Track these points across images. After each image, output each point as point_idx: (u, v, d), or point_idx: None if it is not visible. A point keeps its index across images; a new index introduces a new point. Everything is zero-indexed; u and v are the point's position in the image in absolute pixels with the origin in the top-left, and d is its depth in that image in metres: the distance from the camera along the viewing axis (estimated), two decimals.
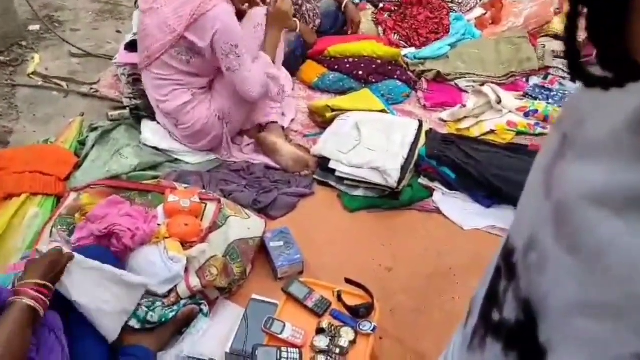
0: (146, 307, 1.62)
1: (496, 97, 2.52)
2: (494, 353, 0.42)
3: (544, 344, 0.36)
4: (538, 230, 0.38)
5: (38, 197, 1.97)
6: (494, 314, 0.43)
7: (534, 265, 0.38)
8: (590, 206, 0.33)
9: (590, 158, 0.34)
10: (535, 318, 0.37)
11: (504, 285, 0.42)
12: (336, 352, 1.46)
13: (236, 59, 2.12)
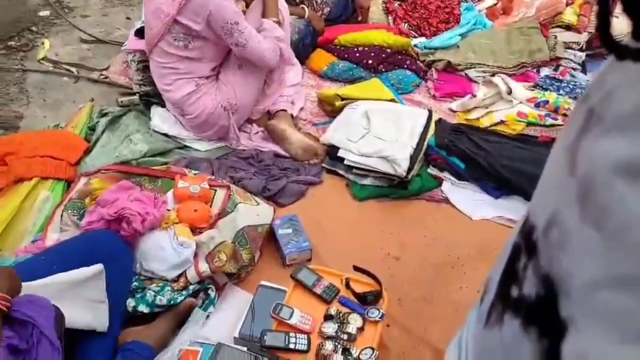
0: (154, 291, 1.63)
1: (507, 87, 2.50)
2: (512, 329, 0.42)
3: (566, 319, 0.36)
4: (561, 208, 0.38)
5: (49, 181, 1.98)
6: (513, 290, 0.43)
7: (556, 242, 0.38)
8: (618, 179, 0.32)
9: (617, 131, 0.34)
10: (556, 293, 0.37)
11: (524, 262, 0.42)
12: (344, 338, 1.47)
13: (241, 35, 2.12)
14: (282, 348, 1.44)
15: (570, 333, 0.36)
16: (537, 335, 0.39)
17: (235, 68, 2.26)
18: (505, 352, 0.44)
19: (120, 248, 1.58)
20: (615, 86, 0.36)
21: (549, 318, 0.38)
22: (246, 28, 2.13)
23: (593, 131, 0.36)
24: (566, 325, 0.36)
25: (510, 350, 0.43)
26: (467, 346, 0.51)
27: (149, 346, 1.51)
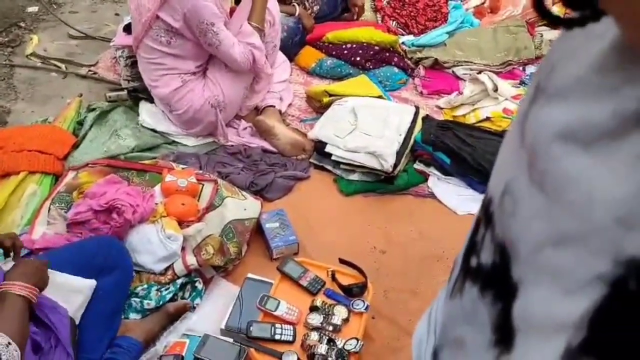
0: (140, 297, 1.64)
1: (493, 85, 2.53)
2: (471, 295, 0.45)
3: (516, 281, 0.38)
4: (513, 177, 0.40)
5: (36, 175, 1.99)
6: (472, 260, 0.46)
7: (509, 210, 0.40)
8: (556, 143, 0.35)
9: (556, 100, 0.36)
10: (508, 259, 0.39)
11: (482, 233, 0.45)
12: (329, 329, 1.49)
13: (215, 36, 2.12)
14: (268, 339, 1.46)
15: (519, 294, 0.38)
16: (492, 299, 0.42)
17: (223, 66, 2.27)
18: (465, 317, 0.46)
19: (122, 254, 1.60)
20: (557, 59, 0.38)
21: (502, 282, 0.40)
22: (222, 31, 2.14)
23: (538, 103, 0.38)
24: (517, 287, 0.38)
25: (469, 315, 0.45)
26: (436, 319, 0.54)
27: (138, 342, 1.52)
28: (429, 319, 0.56)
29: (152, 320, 1.62)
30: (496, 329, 0.41)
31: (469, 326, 0.45)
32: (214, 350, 1.51)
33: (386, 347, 1.68)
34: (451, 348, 0.48)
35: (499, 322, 0.40)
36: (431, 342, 0.52)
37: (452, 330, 0.49)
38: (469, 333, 0.45)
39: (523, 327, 0.38)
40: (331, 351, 1.40)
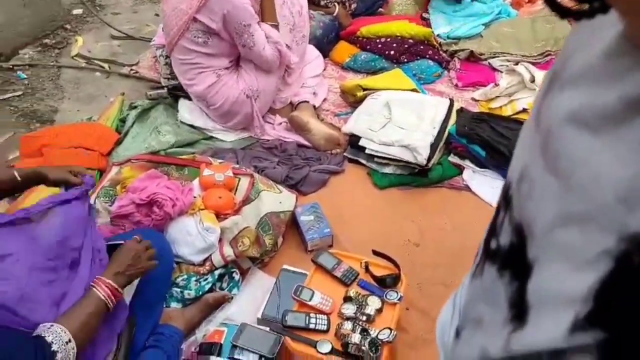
0: (181, 288, 1.70)
1: (530, 75, 2.50)
2: (490, 276, 0.47)
3: (531, 261, 0.40)
4: (529, 161, 0.42)
5: None
6: (492, 243, 0.48)
7: (525, 193, 0.42)
8: (567, 127, 0.37)
9: (570, 87, 0.38)
10: (524, 240, 0.42)
11: (501, 217, 0.47)
12: (363, 319, 1.51)
13: (250, 37, 2.18)
14: (303, 328, 1.49)
15: (534, 272, 0.40)
16: (509, 279, 0.44)
17: None
18: (484, 297, 0.48)
19: (164, 246, 1.65)
20: (572, 49, 0.40)
21: (518, 262, 0.42)
22: (257, 31, 2.20)
23: (553, 90, 0.40)
24: (531, 266, 0.40)
25: (488, 295, 0.48)
26: (460, 303, 0.55)
27: (180, 330, 1.58)
28: (454, 302, 0.58)
29: (192, 310, 1.67)
30: (512, 307, 0.43)
31: (487, 305, 0.47)
32: (250, 338, 1.56)
33: (419, 339, 1.69)
34: (471, 327, 0.50)
35: (514, 300, 0.42)
36: (455, 324, 0.54)
37: (472, 310, 0.51)
38: (487, 312, 0.47)
39: (536, 303, 0.40)
40: (364, 340, 1.42)
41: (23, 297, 1.13)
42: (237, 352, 1.54)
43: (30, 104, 2.63)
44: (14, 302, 1.12)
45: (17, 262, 1.17)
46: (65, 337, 1.12)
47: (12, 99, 2.67)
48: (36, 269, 1.20)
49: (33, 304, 1.15)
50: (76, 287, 1.26)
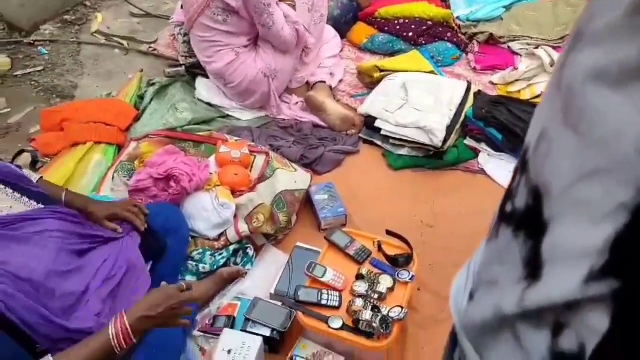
0: (196, 261, 1.74)
1: (550, 59, 2.46)
2: (505, 237, 0.48)
3: (547, 219, 0.42)
4: (549, 122, 0.43)
5: (101, 145, 2.12)
6: (508, 206, 0.49)
7: (544, 153, 0.43)
8: (589, 83, 0.38)
9: (592, 44, 0.39)
10: (541, 200, 0.43)
11: (517, 181, 0.48)
12: (374, 297, 1.53)
13: (270, 17, 2.18)
14: (315, 303, 1.52)
15: (549, 230, 0.41)
16: (524, 238, 0.45)
17: None
18: (498, 258, 0.50)
19: (180, 220, 1.69)
20: (595, 9, 0.41)
21: (534, 222, 0.43)
22: (276, 11, 2.20)
23: (576, 49, 0.41)
24: (547, 225, 0.42)
25: (502, 256, 0.49)
26: (474, 269, 0.57)
27: (195, 302, 1.61)
28: (468, 269, 0.59)
29: (207, 283, 1.70)
30: (526, 265, 0.44)
31: (502, 266, 0.48)
32: (263, 312, 1.59)
33: (430, 318, 1.70)
34: (485, 288, 0.52)
35: (529, 259, 0.44)
36: (469, 288, 0.56)
37: (487, 272, 0.52)
38: (502, 272, 0.48)
39: (551, 259, 0.41)
40: (376, 317, 1.44)
41: (51, 272, 1.16)
42: (249, 326, 1.57)
43: (51, 79, 2.67)
44: (43, 276, 1.15)
45: (52, 239, 1.21)
46: None
47: (33, 74, 2.71)
48: (67, 250, 1.24)
49: (60, 279, 1.18)
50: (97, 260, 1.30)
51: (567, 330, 0.40)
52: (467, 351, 0.52)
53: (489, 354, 0.49)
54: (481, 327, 0.50)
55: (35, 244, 1.17)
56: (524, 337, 0.44)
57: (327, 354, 1.52)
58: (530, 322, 0.43)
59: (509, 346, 0.46)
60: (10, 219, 1.17)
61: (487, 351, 0.49)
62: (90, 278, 1.26)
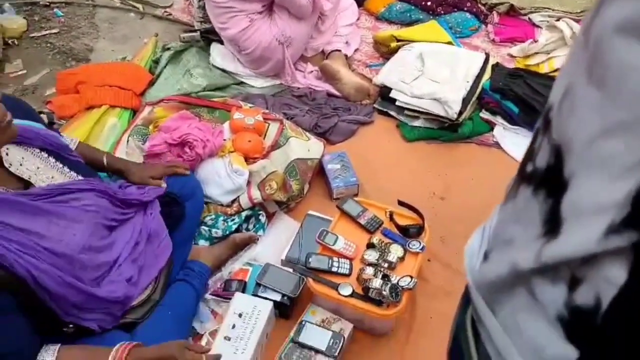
0: (209, 226, 1.75)
1: (571, 32, 2.41)
2: (524, 196, 0.48)
3: (568, 177, 0.42)
4: (574, 79, 0.43)
5: (116, 109, 2.12)
6: (528, 166, 0.49)
7: (567, 110, 0.43)
8: (617, 37, 0.37)
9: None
10: (562, 158, 0.43)
11: (539, 140, 0.48)
12: (385, 266, 1.54)
13: None
14: (326, 270, 1.53)
15: (570, 187, 0.42)
16: (544, 196, 0.45)
17: None
18: (516, 217, 0.50)
19: (195, 185, 1.70)
20: None
21: (554, 180, 0.44)
22: None
23: (605, 3, 0.40)
24: (568, 182, 0.42)
25: (520, 214, 0.49)
26: (490, 228, 0.57)
27: (207, 267, 1.64)
28: (482, 232, 0.60)
29: (220, 248, 1.73)
30: (545, 223, 0.44)
31: (519, 225, 0.49)
32: (274, 278, 1.61)
33: (439, 289, 1.72)
34: (500, 247, 0.52)
35: (548, 216, 0.44)
36: (483, 249, 0.56)
37: (503, 231, 0.52)
38: (519, 231, 0.49)
39: (570, 215, 0.42)
40: (385, 286, 1.45)
41: (85, 247, 1.18)
42: (260, 290, 1.60)
43: (67, 42, 2.67)
44: (77, 250, 1.16)
45: (88, 213, 1.22)
46: (49, 357, 1.08)
47: (48, 36, 2.70)
48: (100, 225, 1.25)
49: (93, 253, 1.20)
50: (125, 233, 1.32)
51: (584, 284, 0.41)
52: (479, 308, 0.53)
53: (502, 309, 0.50)
54: (495, 283, 0.51)
55: (72, 218, 1.17)
56: (539, 291, 0.45)
57: (336, 320, 1.55)
58: (546, 277, 0.44)
59: (522, 301, 0.47)
60: (51, 191, 1.17)
61: (499, 307, 0.50)
62: (120, 249, 1.28)
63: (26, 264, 1.05)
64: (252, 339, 1.46)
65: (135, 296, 1.31)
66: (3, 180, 1.14)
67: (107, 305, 1.22)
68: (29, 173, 1.19)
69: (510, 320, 0.48)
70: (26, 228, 1.08)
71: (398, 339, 1.59)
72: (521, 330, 0.47)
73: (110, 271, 1.24)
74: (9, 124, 1.09)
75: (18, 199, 1.10)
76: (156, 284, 1.40)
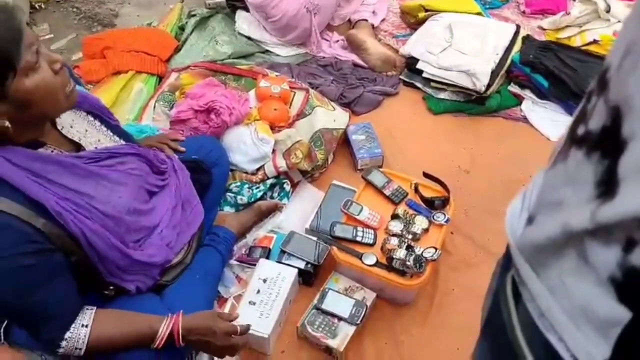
0: (234, 193, 1.77)
1: (605, 5, 2.33)
2: (575, 159, 0.47)
3: (626, 137, 0.40)
4: (635, 36, 0.41)
5: (143, 74, 2.13)
6: (580, 129, 0.48)
7: (628, 68, 0.41)
8: None
9: None
10: (620, 119, 0.41)
11: (594, 102, 0.46)
12: (409, 237, 1.54)
13: None
14: (350, 239, 1.54)
15: (628, 148, 0.40)
16: (598, 158, 0.44)
17: None
18: (566, 179, 0.49)
19: (221, 153, 1.71)
20: None
21: (611, 142, 0.42)
22: None
23: None
24: (626, 142, 0.40)
25: (571, 177, 0.48)
26: (531, 198, 0.56)
27: (232, 233, 1.66)
28: (523, 197, 0.59)
29: (245, 215, 1.74)
30: (599, 184, 0.43)
31: (570, 187, 0.48)
32: (298, 246, 1.63)
33: (462, 262, 1.72)
34: (548, 210, 0.51)
35: (603, 178, 0.43)
36: (525, 214, 0.55)
37: (551, 194, 0.51)
38: (570, 193, 0.47)
39: (629, 175, 0.40)
40: (409, 256, 1.45)
41: (130, 209, 1.20)
42: (285, 257, 1.62)
43: (92, 7, 2.67)
44: (123, 212, 1.18)
45: (132, 176, 1.24)
46: (84, 320, 1.09)
47: (74, 0, 2.70)
48: (144, 189, 1.28)
49: (137, 215, 1.22)
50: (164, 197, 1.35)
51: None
52: (523, 271, 0.53)
53: (547, 270, 0.49)
54: (543, 246, 0.50)
55: (118, 180, 1.19)
56: (592, 253, 0.44)
57: (359, 289, 1.56)
58: (600, 239, 0.43)
59: (571, 263, 0.46)
60: (98, 155, 1.19)
61: (544, 269, 0.50)
62: (162, 215, 1.30)
63: (80, 224, 1.08)
64: (276, 304, 1.48)
65: (172, 260, 1.34)
66: (58, 142, 1.16)
67: (147, 268, 1.25)
68: (78, 135, 1.21)
69: (556, 282, 0.48)
70: (78, 189, 1.11)
71: (419, 309, 1.60)
72: (569, 291, 0.46)
73: (151, 235, 1.27)
74: (72, 91, 1.10)
75: (72, 161, 1.12)
76: (189, 249, 1.42)
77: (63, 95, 1.07)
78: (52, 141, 1.13)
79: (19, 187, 1.02)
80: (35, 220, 1.02)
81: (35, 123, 1.09)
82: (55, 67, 1.04)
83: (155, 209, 1.30)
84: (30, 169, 1.04)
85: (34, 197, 1.02)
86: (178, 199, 1.39)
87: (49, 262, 1.04)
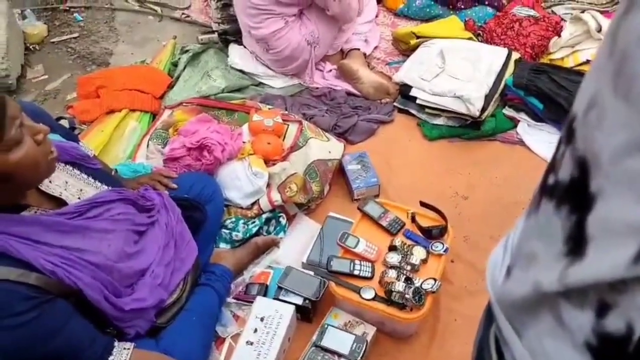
0: (229, 229, 1.75)
1: (597, 24, 2.34)
2: (546, 211, 0.45)
3: (594, 193, 0.39)
4: (599, 90, 0.40)
5: (136, 112, 2.13)
6: (550, 179, 0.46)
7: (593, 122, 0.40)
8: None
9: None
10: (588, 172, 0.40)
11: (562, 151, 0.45)
12: (407, 268, 1.52)
13: None
14: (347, 274, 1.51)
15: (596, 204, 0.39)
16: (567, 212, 0.42)
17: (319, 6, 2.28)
18: (538, 232, 0.47)
19: (215, 188, 1.70)
20: None
21: (579, 195, 0.40)
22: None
23: (631, 12, 0.37)
24: (594, 199, 0.39)
25: (542, 230, 0.46)
26: (512, 244, 0.54)
27: (229, 270, 1.64)
28: (505, 245, 0.57)
29: (242, 252, 1.72)
30: (568, 240, 0.41)
31: (541, 240, 0.46)
32: (296, 281, 1.60)
33: (464, 290, 1.69)
34: (523, 263, 0.50)
35: (571, 234, 0.41)
36: (506, 264, 0.54)
37: (525, 246, 0.50)
38: (541, 247, 0.46)
39: (597, 235, 0.38)
40: (408, 289, 1.43)
41: (121, 255, 1.20)
42: (282, 294, 1.58)
43: (87, 46, 2.69)
44: (114, 259, 1.18)
45: (119, 222, 1.23)
46: None
47: (69, 40, 2.73)
48: (132, 231, 1.27)
49: (128, 259, 1.22)
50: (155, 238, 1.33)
51: (614, 310, 0.38)
52: (503, 327, 0.51)
53: (526, 330, 0.48)
54: (519, 303, 0.48)
55: (105, 229, 1.19)
56: (566, 315, 0.42)
57: (358, 324, 1.53)
58: (573, 301, 0.41)
59: (548, 324, 0.44)
60: (83, 207, 1.18)
61: (524, 328, 0.48)
62: (154, 254, 1.30)
63: (73, 277, 1.08)
64: (275, 343, 1.45)
65: (167, 300, 1.32)
66: (39, 201, 1.15)
67: (141, 313, 1.23)
68: (59, 190, 1.20)
69: (536, 344, 0.46)
70: (67, 245, 1.10)
71: (421, 342, 1.57)
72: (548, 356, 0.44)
73: (144, 276, 1.26)
74: (54, 158, 1.10)
75: (56, 219, 1.11)
76: (184, 287, 1.40)
77: (45, 164, 1.08)
78: (33, 202, 1.13)
79: (3, 250, 1.01)
80: (27, 276, 1.02)
81: (15, 191, 1.09)
82: (39, 138, 1.04)
83: (145, 249, 1.28)
84: (13, 234, 1.04)
85: (22, 257, 1.02)
86: (169, 237, 1.37)
87: (53, 309, 1.05)
